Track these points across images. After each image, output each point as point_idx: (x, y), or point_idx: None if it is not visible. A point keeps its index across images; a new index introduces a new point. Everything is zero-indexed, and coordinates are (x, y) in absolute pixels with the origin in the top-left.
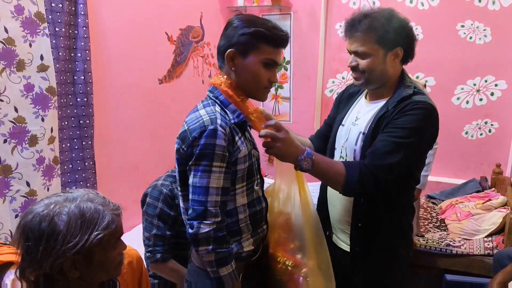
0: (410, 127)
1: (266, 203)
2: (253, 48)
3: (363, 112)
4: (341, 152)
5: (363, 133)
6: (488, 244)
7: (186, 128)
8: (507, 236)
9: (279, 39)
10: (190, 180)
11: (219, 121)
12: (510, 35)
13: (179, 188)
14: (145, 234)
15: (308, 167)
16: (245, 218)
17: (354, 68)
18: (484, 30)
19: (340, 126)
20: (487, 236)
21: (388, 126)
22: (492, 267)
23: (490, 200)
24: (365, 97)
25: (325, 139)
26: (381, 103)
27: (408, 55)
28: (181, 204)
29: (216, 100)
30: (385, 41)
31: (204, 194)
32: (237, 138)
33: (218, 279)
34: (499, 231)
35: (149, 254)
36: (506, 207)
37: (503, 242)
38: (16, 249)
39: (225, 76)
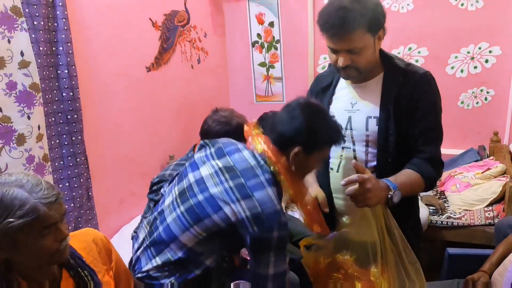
0: (433, 103)
1: None
2: (319, 150)
3: (359, 97)
4: (343, 142)
5: (375, 117)
6: (489, 214)
7: (259, 209)
8: (508, 204)
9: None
10: (268, 270)
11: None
12: None
13: (197, 230)
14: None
15: (398, 199)
16: None
17: (347, 66)
18: None
19: None
20: (487, 206)
21: (417, 110)
22: (494, 237)
23: (489, 169)
24: (346, 81)
25: None
26: (375, 82)
27: (385, 32)
28: (190, 245)
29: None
30: (373, 27)
31: (284, 278)
32: None
33: None
34: (499, 199)
35: (135, 234)
36: (505, 175)
37: (504, 211)
38: None
39: (284, 158)
